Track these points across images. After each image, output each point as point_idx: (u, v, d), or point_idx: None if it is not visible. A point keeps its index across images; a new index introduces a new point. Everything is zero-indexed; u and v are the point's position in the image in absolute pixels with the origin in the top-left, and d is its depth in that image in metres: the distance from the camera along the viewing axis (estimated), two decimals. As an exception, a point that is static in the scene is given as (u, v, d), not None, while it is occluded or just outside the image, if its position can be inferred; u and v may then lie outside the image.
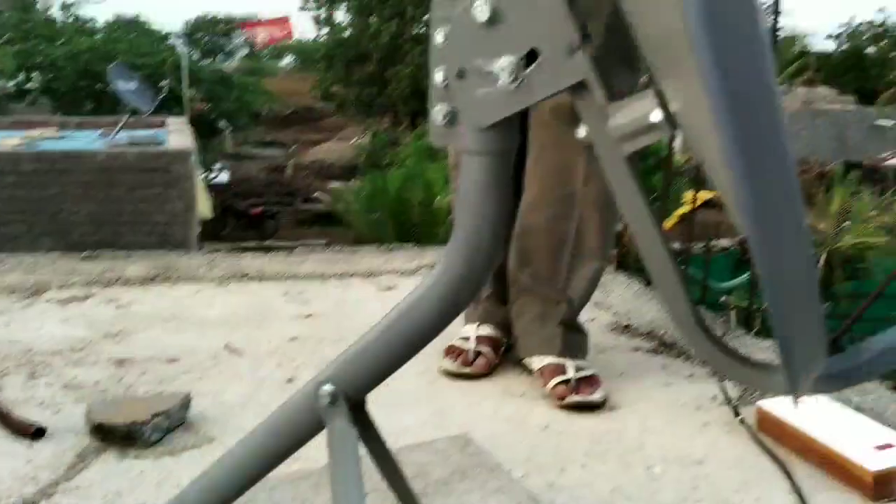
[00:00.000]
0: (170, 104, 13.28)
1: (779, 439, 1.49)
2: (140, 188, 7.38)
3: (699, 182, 3.19)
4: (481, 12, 0.54)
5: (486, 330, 1.82)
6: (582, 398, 1.63)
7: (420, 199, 10.71)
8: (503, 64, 0.55)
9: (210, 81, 14.74)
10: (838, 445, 1.38)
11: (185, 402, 1.50)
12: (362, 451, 0.70)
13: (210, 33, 26.48)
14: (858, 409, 1.57)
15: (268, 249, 2.91)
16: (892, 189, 15.51)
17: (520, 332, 1.80)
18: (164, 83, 9.95)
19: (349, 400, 0.66)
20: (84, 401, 1.56)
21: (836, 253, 11.33)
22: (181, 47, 15.36)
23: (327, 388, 0.66)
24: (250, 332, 2.03)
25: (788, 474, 1.37)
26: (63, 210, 7.18)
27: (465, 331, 1.82)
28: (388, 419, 1.51)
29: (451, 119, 0.58)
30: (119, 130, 8.36)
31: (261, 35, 16.50)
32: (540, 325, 1.75)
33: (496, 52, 0.55)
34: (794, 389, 0.53)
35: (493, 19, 0.54)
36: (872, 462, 1.31)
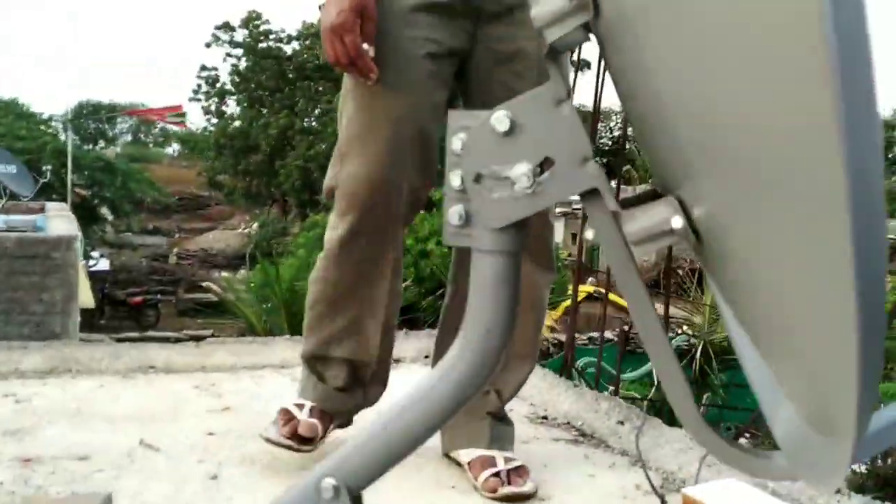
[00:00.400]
0: (49, 190, 12.80)
1: (704, 526, 1.54)
2: (17, 275, 7.02)
3: (583, 275, 3.34)
4: (501, 124, 0.58)
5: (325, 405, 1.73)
6: (514, 490, 1.64)
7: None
8: (520, 170, 0.59)
9: (93, 168, 14.31)
10: (762, 530, 1.44)
11: (107, 503, 1.42)
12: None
13: (93, 119, 25.86)
14: (774, 493, 1.65)
15: (164, 340, 2.81)
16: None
17: (446, 427, 1.80)
18: (47, 168, 9.60)
19: (350, 493, 0.66)
20: (-10, 504, 1.45)
21: (710, 344, 11.89)
22: (65, 133, 14.93)
23: (330, 481, 0.66)
24: (165, 427, 1.95)
25: (714, 560, 1.42)
26: (-68, 298, 6.72)
27: (299, 401, 1.73)
28: None
29: (466, 220, 0.62)
30: (-5, 215, 7.99)
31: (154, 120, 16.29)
32: (468, 418, 1.76)
33: (513, 159, 0.59)
34: (794, 475, 0.58)
35: (512, 130, 0.59)
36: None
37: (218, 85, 21.54)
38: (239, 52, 21.17)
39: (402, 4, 1.58)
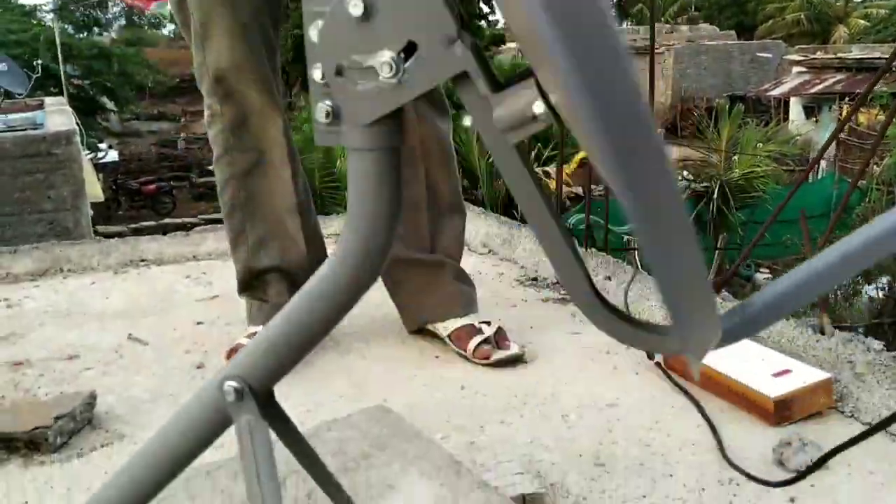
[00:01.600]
0: (46, 84, 12.60)
1: (686, 376, 1.55)
2: (22, 175, 7.01)
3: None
4: (355, 7, 0.52)
5: None
6: (506, 354, 1.65)
7: (320, 163, 10.57)
8: (382, 59, 0.53)
9: (87, 56, 14.00)
10: (740, 376, 1.44)
11: (90, 401, 1.45)
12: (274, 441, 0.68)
13: (83, 5, 25.10)
14: (757, 338, 1.64)
15: (163, 231, 2.80)
16: (776, 119, 16.20)
17: (409, 302, 1.79)
18: (38, 62, 9.40)
19: (255, 393, 0.65)
20: (-20, 410, 1.49)
21: (727, 184, 11.81)
22: (54, 21, 14.52)
23: (232, 383, 0.64)
24: (154, 321, 1.97)
25: (700, 407, 1.43)
26: (-58, 206, 6.75)
27: (251, 329, 1.72)
28: (304, 396, 1.51)
29: (335, 117, 0.56)
30: (-7, 116, 7.90)
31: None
32: (431, 289, 1.75)
33: (373, 46, 0.53)
34: (687, 350, 0.55)
35: (368, 13, 0.52)
36: (771, 389, 1.37)
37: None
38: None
39: None
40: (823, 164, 13.07)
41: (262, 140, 1.65)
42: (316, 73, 0.56)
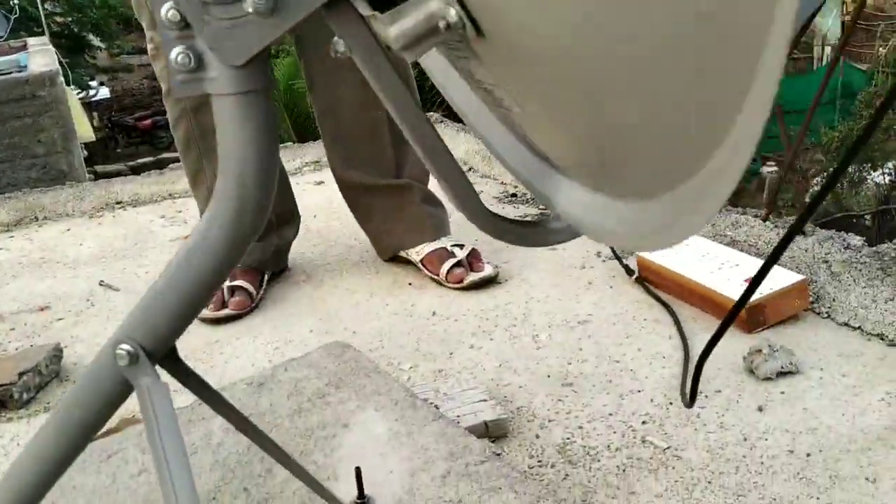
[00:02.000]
0: (29, 25, 12.32)
1: (659, 286, 1.52)
2: (10, 120, 6.92)
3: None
4: None
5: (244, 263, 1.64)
6: (479, 276, 1.62)
7: (287, 74, 10.35)
8: None
9: (67, -8, 13.63)
10: (712, 283, 1.40)
11: (56, 353, 1.43)
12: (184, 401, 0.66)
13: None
14: (733, 242, 1.60)
15: (161, 167, 2.76)
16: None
17: (379, 230, 1.76)
18: (15, 2, 9.16)
19: (151, 354, 0.61)
20: (-51, 369, 1.47)
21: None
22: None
23: (124, 347, 0.61)
24: (127, 264, 1.94)
25: (674, 315, 1.40)
26: (-69, 157, 6.70)
27: None
28: (274, 333, 1.49)
29: (197, 62, 0.51)
30: (-26, 61, 7.75)
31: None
32: (400, 214, 1.71)
33: None
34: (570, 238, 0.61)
35: None
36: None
37: None
38: None
39: None
40: (828, 49, 12.73)
41: None
42: (169, 14, 0.50)
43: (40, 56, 8.21)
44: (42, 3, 12.33)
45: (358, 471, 0.86)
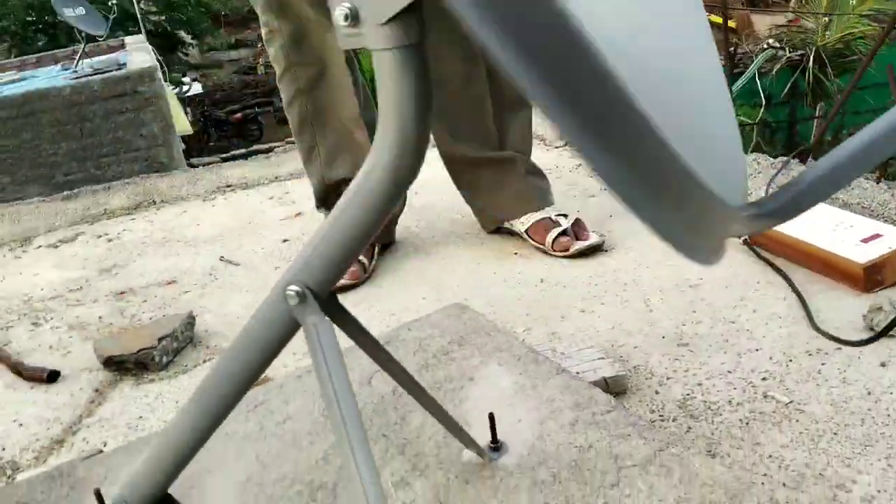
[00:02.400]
0: (125, 24, 12.83)
1: (771, 249, 1.51)
2: (113, 115, 7.25)
3: None
4: None
5: None
6: (586, 244, 1.64)
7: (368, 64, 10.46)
8: None
9: (160, -9, 14.15)
10: (827, 244, 1.39)
11: (189, 321, 1.53)
12: (344, 343, 0.71)
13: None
14: (845, 204, 1.58)
15: (253, 154, 2.87)
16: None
17: (484, 202, 1.79)
18: (113, 2, 9.55)
19: (316, 295, 0.67)
20: (91, 338, 1.59)
21: (823, 50, 11.12)
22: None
23: (293, 288, 0.66)
24: (243, 242, 2.04)
25: (787, 279, 1.40)
26: (41, 153, 7.08)
27: None
28: (389, 301, 1.55)
29: (354, 18, 0.55)
30: (80, 61, 8.14)
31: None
32: (504, 186, 1.74)
33: None
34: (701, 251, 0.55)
35: None
36: (861, 255, 1.33)
37: None
38: None
39: None
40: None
41: (323, 51, 1.64)
42: None
43: (138, 54, 8.55)
44: (138, 2, 12.85)
45: (491, 416, 0.90)
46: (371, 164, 0.62)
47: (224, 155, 13.23)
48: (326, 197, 1.77)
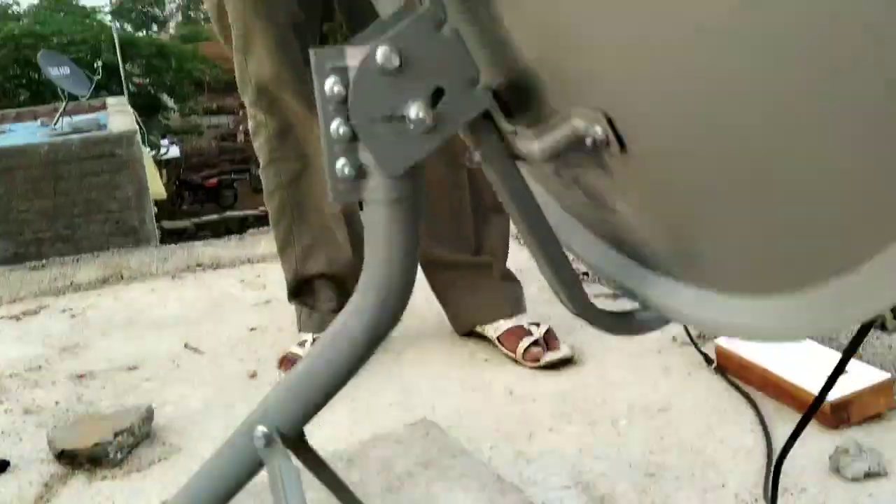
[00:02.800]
0: (109, 84, 12.91)
1: (739, 375, 1.52)
2: (89, 176, 7.22)
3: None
4: (390, 60, 0.52)
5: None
6: (557, 356, 1.64)
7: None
8: (416, 107, 0.53)
9: (147, 55, 14.32)
10: (795, 377, 1.40)
11: (148, 415, 1.49)
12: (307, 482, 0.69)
13: (140, 3, 25.63)
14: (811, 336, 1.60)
15: (225, 225, 2.86)
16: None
17: (457, 305, 1.79)
18: (99, 64, 9.64)
19: (284, 437, 0.65)
20: (46, 424, 1.54)
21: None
22: (112, 22, 14.86)
23: (261, 429, 0.65)
24: (209, 328, 2.01)
25: (756, 408, 1.40)
26: (12, 209, 7.01)
27: (301, 337, 1.73)
28: (354, 405, 1.52)
29: (359, 172, 0.56)
30: (59, 118, 8.14)
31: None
32: (478, 290, 1.75)
33: (406, 96, 0.53)
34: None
35: (402, 65, 0.53)
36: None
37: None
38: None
39: None
40: None
41: (307, 147, 1.66)
42: (338, 128, 0.55)
43: (120, 116, 8.59)
44: (123, 64, 12.99)
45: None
46: (353, 308, 0.62)
47: (196, 220, 13.23)
48: (299, 290, 1.76)
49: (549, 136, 0.56)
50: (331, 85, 0.54)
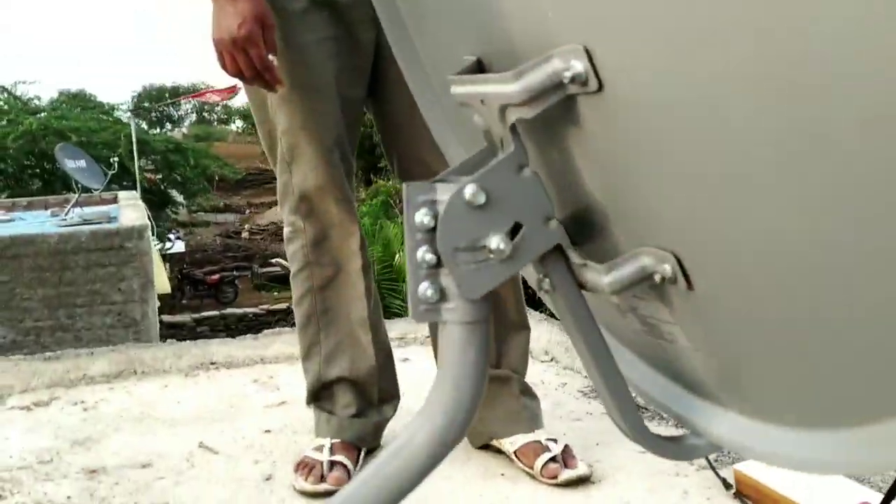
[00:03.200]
0: (121, 178, 13.17)
1: (757, 501, 1.52)
2: (95, 267, 7.29)
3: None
4: (477, 197, 0.58)
5: (343, 437, 1.71)
6: (574, 473, 1.63)
7: (379, 257, 10.74)
8: (496, 240, 0.58)
9: (163, 151, 14.67)
10: (816, 507, 1.40)
11: (164, 515, 1.48)
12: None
13: (157, 103, 26.43)
14: (831, 464, 1.60)
15: (224, 321, 2.88)
16: None
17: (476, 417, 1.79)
18: (115, 159, 9.87)
19: (342, 547, 0.67)
20: (58, 520, 1.53)
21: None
22: (130, 120, 15.28)
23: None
24: (223, 428, 2.01)
25: (770, 537, 1.39)
26: (16, 296, 7.04)
27: (319, 441, 1.71)
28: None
29: (442, 296, 0.61)
30: (70, 209, 8.28)
31: (212, 98, 16.44)
32: (497, 404, 1.75)
33: (488, 229, 0.58)
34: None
35: (487, 202, 0.58)
36: (850, 524, 1.33)
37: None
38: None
39: (295, 7, 1.56)
40: None
41: (341, 254, 1.70)
42: (424, 256, 0.60)
43: (131, 210, 8.74)
44: (137, 159, 13.29)
45: None
46: (421, 423, 0.64)
47: (196, 315, 13.24)
48: (318, 394, 1.77)
49: (618, 272, 0.60)
50: (421, 216, 0.59)
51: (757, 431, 0.67)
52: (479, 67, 0.65)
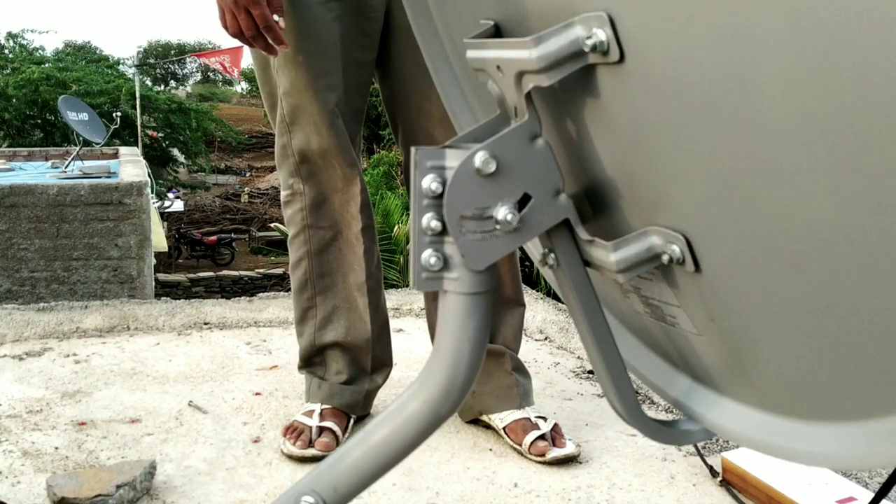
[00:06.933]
0: (123, 133, 13.10)
1: (744, 491, 1.52)
2: (93, 222, 7.26)
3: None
4: (488, 165, 0.56)
5: (333, 403, 1.71)
6: (562, 452, 1.63)
7: (378, 228, 10.71)
8: (504, 210, 0.57)
9: (165, 110, 14.57)
10: (801, 499, 1.40)
11: (150, 471, 1.47)
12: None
13: (162, 59, 26.22)
14: (819, 458, 1.61)
15: (219, 283, 2.87)
16: None
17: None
18: (117, 114, 9.81)
19: (330, 509, 0.66)
20: (44, 469, 1.53)
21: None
22: (135, 75, 15.16)
23: (307, 498, 0.66)
24: (214, 388, 2.01)
25: (754, 527, 1.40)
26: (13, 245, 7.02)
27: (308, 406, 1.71)
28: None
29: (445, 265, 0.59)
30: (71, 162, 8.24)
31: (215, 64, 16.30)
32: (489, 379, 1.75)
33: (496, 199, 0.57)
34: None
35: (497, 170, 0.56)
36: (835, 518, 1.34)
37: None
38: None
39: None
40: None
41: (341, 217, 1.68)
42: (429, 223, 0.58)
43: (132, 166, 8.69)
44: (140, 115, 13.20)
45: None
46: (414, 393, 0.63)
47: (192, 275, 13.23)
48: (311, 360, 1.77)
49: (625, 250, 0.59)
50: (429, 181, 0.57)
51: (756, 421, 0.66)
52: (497, 32, 0.63)
